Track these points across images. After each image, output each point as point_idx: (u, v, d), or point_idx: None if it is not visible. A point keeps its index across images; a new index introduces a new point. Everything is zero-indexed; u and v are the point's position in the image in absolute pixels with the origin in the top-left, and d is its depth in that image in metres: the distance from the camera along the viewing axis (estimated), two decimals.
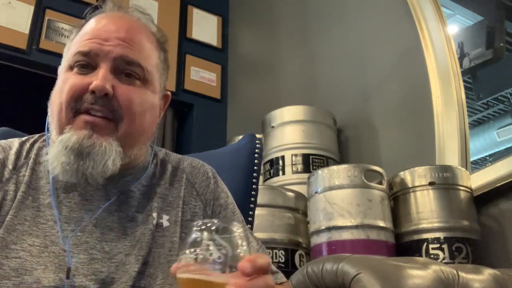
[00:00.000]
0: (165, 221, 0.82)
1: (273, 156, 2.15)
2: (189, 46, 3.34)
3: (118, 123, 0.78)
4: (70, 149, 0.74)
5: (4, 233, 0.73)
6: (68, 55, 0.83)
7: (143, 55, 0.82)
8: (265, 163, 2.18)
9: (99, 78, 0.76)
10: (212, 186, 0.90)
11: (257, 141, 1.19)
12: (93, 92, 0.76)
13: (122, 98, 0.78)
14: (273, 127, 2.21)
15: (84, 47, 0.80)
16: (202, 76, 3.32)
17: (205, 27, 3.47)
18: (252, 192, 1.13)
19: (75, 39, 0.84)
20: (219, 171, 0.96)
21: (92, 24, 0.84)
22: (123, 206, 0.80)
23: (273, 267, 0.89)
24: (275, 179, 2.11)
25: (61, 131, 0.77)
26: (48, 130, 0.86)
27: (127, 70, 0.80)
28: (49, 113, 0.83)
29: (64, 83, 0.79)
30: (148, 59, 0.83)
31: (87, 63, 0.79)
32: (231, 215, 0.90)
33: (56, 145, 0.76)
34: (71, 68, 0.80)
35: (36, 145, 0.85)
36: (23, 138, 0.87)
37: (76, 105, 0.77)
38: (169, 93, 0.93)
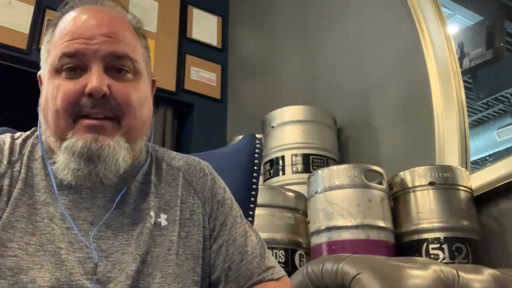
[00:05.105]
0: (163, 220, 0.82)
1: (273, 156, 2.15)
2: (189, 46, 3.34)
3: (120, 120, 0.77)
4: (78, 154, 0.74)
5: (1, 231, 0.72)
6: (51, 58, 0.79)
7: (129, 47, 0.80)
8: (265, 163, 2.19)
9: (94, 80, 0.74)
10: (210, 183, 0.89)
11: (257, 141, 1.19)
12: (89, 95, 0.74)
13: (119, 95, 0.77)
14: (273, 127, 2.21)
15: (69, 48, 0.77)
16: (202, 76, 3.32)
17: (205, 27, 3.47)
18: (252, 192, 1.13)
19: (54, 40, 0.81)
20: (219, 171, 0.96)
21: (70, 22, 0.80)
22: (120, 203, 0.80)
23: (270, 262, 0.88)
24: (275, 179, 2.11)
25: (62, 138, 0.76)
26: (39, 126, 0.84)
27: (117, 65, 0.78)
28: (41, 120, 0.81)
29: (55, 89, 0.76)
30: (135, 50, 0.82)
31: (74, 65, 0.77)
32: (228, 211, 0.88)
33: (62, 152, 0.75)
34: (57, 71, 0.78)
35: (29, 141, 0.83)
36: (15, 135, 0.85)
37: (74, 111, 0.75)
38: (155, 78, 0.91)
